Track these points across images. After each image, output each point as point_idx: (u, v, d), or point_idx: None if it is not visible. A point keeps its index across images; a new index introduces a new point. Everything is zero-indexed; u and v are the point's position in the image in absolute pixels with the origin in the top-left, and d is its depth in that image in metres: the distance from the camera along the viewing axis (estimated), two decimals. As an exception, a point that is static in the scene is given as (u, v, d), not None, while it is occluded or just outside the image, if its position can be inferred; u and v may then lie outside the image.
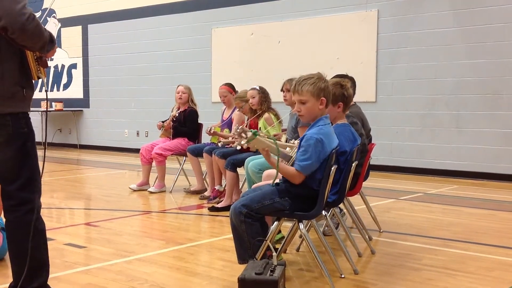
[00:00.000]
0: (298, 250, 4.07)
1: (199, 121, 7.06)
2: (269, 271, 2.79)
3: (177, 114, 6.90)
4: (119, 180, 8.10)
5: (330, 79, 3.97)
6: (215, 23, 10.58)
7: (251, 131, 3.03)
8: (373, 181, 6.99)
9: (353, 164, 3.67)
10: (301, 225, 3.28)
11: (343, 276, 3.44)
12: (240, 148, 3.21)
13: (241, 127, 3.09)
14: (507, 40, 7.65)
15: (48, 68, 13.40)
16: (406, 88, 8.52)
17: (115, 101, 12.45)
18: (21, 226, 2.66)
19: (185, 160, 6.94)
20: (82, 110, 13.20)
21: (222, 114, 6.75)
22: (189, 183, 7.19)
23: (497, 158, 7.80)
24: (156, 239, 4.52)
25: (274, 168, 3.18)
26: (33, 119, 2.79)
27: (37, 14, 2.38)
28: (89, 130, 13.10)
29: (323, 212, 3.52)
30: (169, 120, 6.91)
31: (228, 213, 3.28)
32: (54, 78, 13.75)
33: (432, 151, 8.35)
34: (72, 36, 13.20)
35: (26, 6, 2.45)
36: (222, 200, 5.79)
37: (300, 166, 3.11)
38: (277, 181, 3.33)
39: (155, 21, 11.51)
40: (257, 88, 5.84)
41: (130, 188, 6.93)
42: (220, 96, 6.64)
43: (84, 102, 13.16)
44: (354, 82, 4.56)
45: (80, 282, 3.35)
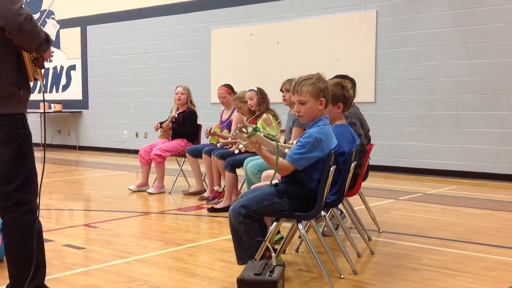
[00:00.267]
0: (297, 251, 4.07)
1: (198, 122, 7.06)
2: (268, 272, 2.79)
3: (176, 115, 6.90)
4: (118, 181, 8.09)
5: (331, 80, 3.97)
6: (214, 24, 10.58)
7: (252, 127, 3.03)
8: (372, 182, 6.99)
9: (352, 165, 3.67)
10: (300, 226, 3.28)
11: (343, 277, 3.44)
12: (238, 152, 3.21)
13: (243, 123, 3.10)
14: (506, 40, 7.65)
15: (47, 70, 13.43)
16: (405, 88, 8.52)
17: (114, 102, 12.45)
18: (18, 227, 2.66)
19: (184, 161, 6.95)
20: (81, 112, 13.20)
21: (221, 115, 6.75)
22: (188, 184, 7.19)
23: (496, 158, 7.81)
24: (155, 240, 4.52)
25: (268, 164, 3.18)
26: (32, 121, 2.80)
27: (36, 16, 2.38)
28: (88, 132, 13.10)
29: (322, 213, 3.52)
30: (168, 121, 6.91)
31: (227, 214, 3.28)
32: (53, 80, 13.74)
33: (431, 151, 8.35)
34: (71, 38, 13.20)
35: (23, 7, 2.45)
36: (221, 201, 5.79)
37: (292, 158, 3.11)
38: (276, 182, 3.33)
39: (154, 22, 11.51)
40: (255, 89, 5.84)
41: (129, 189, 6.93)
42: (219, 97, 6.64)
43: (83, 104, 13.16)
44: (355, 83, 4.56)
45: (79, 283, 3.35)
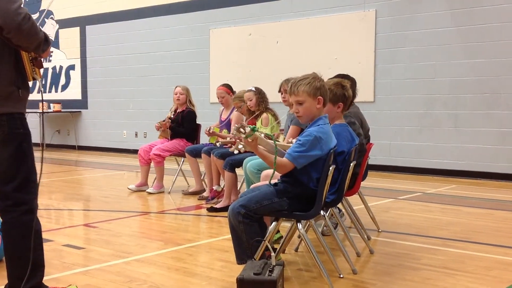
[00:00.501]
0: (297, 250, 4.07)
1: (198, 122, 7.06)
2: (268, 271, 2.79)
3: (172, 116, 6.88)
4: (118, 181, 8.09)
5: (331, 79, 3.97)
6: (213, 24, 10.58)
7: (250, 127, 3.03)
8: (372, 181, 6.99)
9: (351, 164, 3.67)
10: (300, 225, 3.28)
11: (342, 276, 3.44)
12: (238, 152, 3.21)
13: (240, 123, 3.10)
14: (505, 40, 7.66)
15: (46, 69, 13.42)
16: (404, 88, 8.53)
17: (114, 102, 12.45)
18: (17, 227, 2.66)
19: (184, 161, 6.95)
20: (81, 111, 13.19)
21: (220, 115, 6.75)
22: (188, 184, 7.19)
23: (495, 157, 7.81)
24: (155, 240, 4.52)
25: (265, 162, 3.17)
26: (31, 120, 2.80)
27: (35, 16, 2.38)
28: (88, 131, 13.09)
29: (322, 212, 3.52)
30: (166, 121, 6.87)
31: (227, 214, 3.28)
32: (52, 80, 13.74)
33: (431, 151, 8.36)
34: (70, 37, 13.19)
35: (22, 6, 2.45)
36: (221, 201, 5.79)
37: (291, 156, 3.11)
38: (275, 181, 3.33)
39: (153, 22, 11.51)
40: (253, 89, 5.83)
41: (129, 189, 6.93)
42: (218, 97, 6.64)
43: (83, 103, 13.15)
44: (355, 83, 4.57)
45: (79, 283, 3.34)
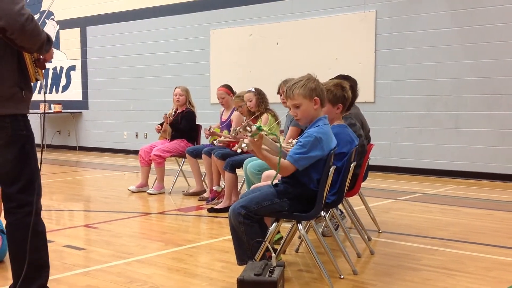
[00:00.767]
0: (297, 251, 4.08)
1: (198, 123, 7.06)
2: (268, 272, 2.79)
3: (169, 116, 6.81)
4: (118, 182, 8.10)
5: (332, 79, 3.97)
6: (214, 25, 10.59)
7: (256, 126, 3.03)
8: (372, 182, 6.99)
9: (352, 165, 3.67)
10: (300, 226, 3.29)
11: (342, 277, 3.44)
12: (241, 151, 3.21)
13: (247, 121, 3.10)
14: (506, 40, 7.66)
15: (47, 70, 13.42)
16: (405, 89, 8.53)
17: (114, 103, 12.45)
18: (21, 228, 2.66)
19: (184, 162, 6.95)
20: (81, 112, 13.20)
21: (221, 116, 6.76)
22: (188, 185, 7.20)
23: (496, 158, 7.81)
24: (155, 241, 4.52)
25: (268, 164, 3.18)
26: (32, 121, 2.79)
27: (36, 17, 2.37)
28: (88, 132, 13.10)
29: (322, 213, 3.53)
30: (168, 115, 6.79)
31: (227, 214, 3.28)
32: (53, 80, 13.75)
33: (431, 151, 8.36)
34: (71, 38, 13.20)
35: (25, 7, 2.45)
36: (221, 201, 5.80)
37: (293, 158, 3.11)
38: (276, 182, 3.34)
39: (154, 23, 11.52)
40: (253, 90, 5.84)
41: (129, 190, 6.93)
42: (218, 98, 6.64)
43: (83, 104, 13.16)
44: (356, 84, 4.56)
45: (80, 284, 3.35)
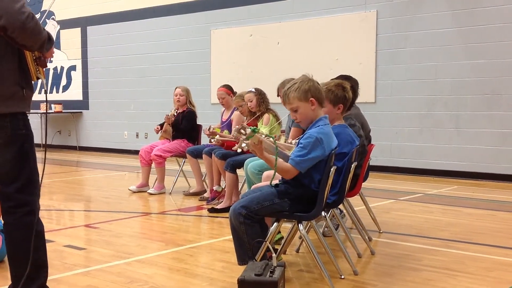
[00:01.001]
0: (298, 251, 4.07)
1: (199, 123, 7.06)
2: (269, 272, 2.79)
3: (170, 117, 6.80)
4: (119, 182, 8.09)
5: (333, 80, 3.97)
6: (214, 25, 10.59)
7: (250, 128, 3.03)
8: (373, 182, 6.99)
9: (353, 165, 3.67)
10: (301, 226, 3.28)
11: (343, 277, 3.44)
12: (241, 151, 3.21)
13: (241, 124, 3.10)
14: (506, 41, 7.65)
15: (48, 70, 13.42)
16: (405, 89, 8.53)
17: (115, 103, 12.45)
18: (20, 228, 2.65)
19: (185, 162, 6.95)
20: (82, 112, 13.20)
21: (221, 116, 6.75)
22: (189, 185, 7.19)
23: (496, 158, 7.81)
24: (156, 241, 4.52)
25: (269, 166, 3.18)
26: (33, 121, 2.80)
27: (36, 16, 2.36)
28: (89, 132, 13.10)
29: (323, 213, 3.52)
30: (170, 115, 6.78)
31: (228, 215, 3.28)
32: (54, 80, 13.75)
33: (431, 152, 8.35)
34: (71, 38, 13.20)
35: (25, 5, 2.45)
36: (222, 201, 5.79)
37: (294, 161, 3.11)
38: (277, 182, 3.33)
39: (154, 23, 11.52)
40: (253, 91, 5.83)
41: (130, 190, 6.93)
42: (219, 98, 6.64)
43: (84, 104, 13.16)
44: (357, 84, 4.56)
45: (80, 284, 3.35)
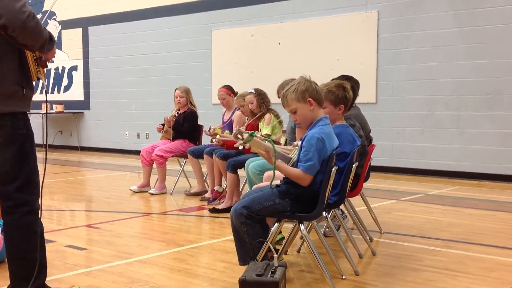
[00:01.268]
0: (299, 252, 4.08)
1: (200, 123, 7.07)
2: (270, 273, 2.79)
3: (176, 115, 6.86)
4: (120, 182, 8.10)
5: (334, 80, 3.97)
6: (215, 25, 10.59)
7: (248, 133, 3.04)
8: (374, 182, 6.99)
9: (354, 165, 3.67)
10: (302, 226, 3.28)
11: (344, 277, 3.44)
12: (243, 148, 3.21)
13: (238, 128, 3.10)
14: (507, 41, 7.65)
15: (49, 70, 13.44)
16: (407, 89, 8.52)
17: (116, 103, 12.46)
18: (19, 228, 2.65)
19: (186, 162, 6.95)
20: (83, 112, 13.21)
21: (223, 116, 6.76)
22: (190, 185, 7.20)
23: (498, 159, 7.80)
24: (157, 241, 4.53)
25: (278, 170, 3.18)
26: (34, 121, 2.80)
27: (38, 17, 2.36)
28: (90, 132, 13.11)
29: (324, 213, 3.52)
30: (171, 118, 6.81)
31: (229, 215, 3.29)
32: (55, 80, 13.76)
33: (433, 152, 8.35)
34: (73, 38, 13.21)
35: (26, 5, 2.45)
36: (223, 202, 5.80)
37: (305, 168, 3.11)
38: (277, 183, 3.34)
39: (156, 23, 11.52)
40: (253, 92, 5.84)
41: (131, 190, 6.93)
42: (219, 99, 6.64)
43: (85, 104, 13.17)
44: (358, 84, 4.56)
45: (81, 284, 3.35)
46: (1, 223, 3.63)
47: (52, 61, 13.52)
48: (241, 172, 5.61)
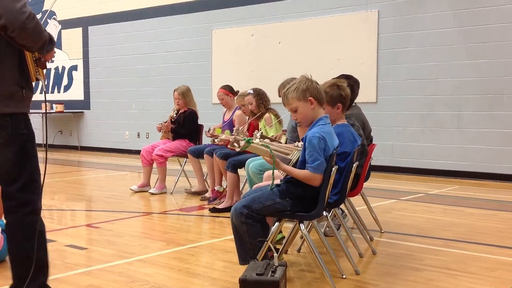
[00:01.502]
0: (299, 251, 4.07)
1: (200, 122, 7.06)
2: (270, 272, 2.79)
3: (175, 115, 6.89)
4: (120, 182, 8.10)
5: (327, 81, 3.96)
6: (216, 24, 10.59)
7: (245, 139, 3.04)
8: (374, 182, 6.99)
9: (354, 165, 3.67)
10: (302, 226, 3.28)
11: (344, 277, 3.44)
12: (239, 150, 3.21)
13: (234, 137, 3.09)
14: (508, 40, 7.64)
15: (49, 70, 13.43)
16: (407, 89, 8.52)
17: (116, 103, 12.46)
18: (21, 228, 2.65)
19: (186, 161, 6.95)
20: (83, 112, 13.21)
21: (223, 116, 6.76)
22: (190, 184, 7.19)
23: (498, 158, 7.80)
24: (157, 240, 4.52)
25: (288, 174, 3.18)
26: (34, 121, 2.79)
27: (38, 16, 2.36)
28: (90, 132, 13.11)
29: (324, 213, 3.52)
30: (168, 122, 6.90)
31: (229, 214, 3.28)
32: (55, 80, 13.76)
33: (433, 152, 8.34)
34: (73, 38, 13.21)
35: (26, 5, 2.44)
36: (223, 201, 5.80)
37: (313, 168, 3.11)
38: (278, 182, 3.33)
39: (156, 23, 11.52)
40: (252, 93, 5.83)
41: (131, 190, 6.93)
42: (218, 99, 6.64)
43: (85, 104, 13.17)
44: (358, 84, 4.56)
45: (81, 284, 3.35)
46: (2, 223, 3.64)
47: (52, 61, 13.53)
48: (241, 172, 5.61)
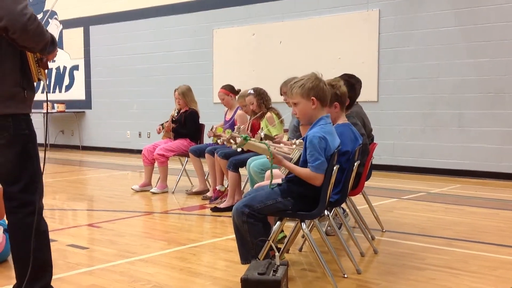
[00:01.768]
0: (301, 250, 4.07)
1: (201, 122, 7.06)
2: (272, 271, 2.79)
3: (176, 115, 6.90)
4: (122, 181, 8.11)
5: (327, 80, 3.95)
6: (217, 24, 10.59)
7: (241, 136, 3.04)
8: (376, 181, 6.99)
9: (355, 164, 3.67)
10: (304, 225, 3.28)
11: (346, 276, 3.44)
12: (241, 150, 3.21)
13: (231, 134, 3.10)
14: (509, 39, 7.64)
15: (50, 70, 13.45)
16: (408, 88, 8.51)
17: (117, 103, 12.47)
18: (23, 228, 2.65)
19: (187, 161, 6.95)
20: (84, 112, 13.22)
21: (225, 116, 6.76)
22: (191, 184, 7.20)
23: (500, 157, 7.80)
24: (159, 240, 4.53)
25: (291, 171, 3.18)
26: (35, 121, 2.80)
27: (39, 16, 2.37)
28: (91, 132, 13.12)
29: (326, 212, 3.52)
30: (169, 122, 6.91)
31: (231, 214, 3.29)
32: (56, 80, 13.77)
33: (434, 151, 8.34)
34: (74, 38, 13.22)
35: (28, 7, 2.44)
36: (224, 201, 5.80)
37: (314, 167, 3.11)
38: (279, 182, 3.33)
39: (157, 22, 11.53)
40: (252, 93, 5.83)
41: (133, 189, 6.93)
42: (220, 99, 6.64)
43: (86, 104, 13.18)
44: (360, 83, 4.55)
45: (83, 283, 3.35)
46: (4, 223, 3.64)
47: (54, 61, 13.53)
48: (243, 171, 5.61)
